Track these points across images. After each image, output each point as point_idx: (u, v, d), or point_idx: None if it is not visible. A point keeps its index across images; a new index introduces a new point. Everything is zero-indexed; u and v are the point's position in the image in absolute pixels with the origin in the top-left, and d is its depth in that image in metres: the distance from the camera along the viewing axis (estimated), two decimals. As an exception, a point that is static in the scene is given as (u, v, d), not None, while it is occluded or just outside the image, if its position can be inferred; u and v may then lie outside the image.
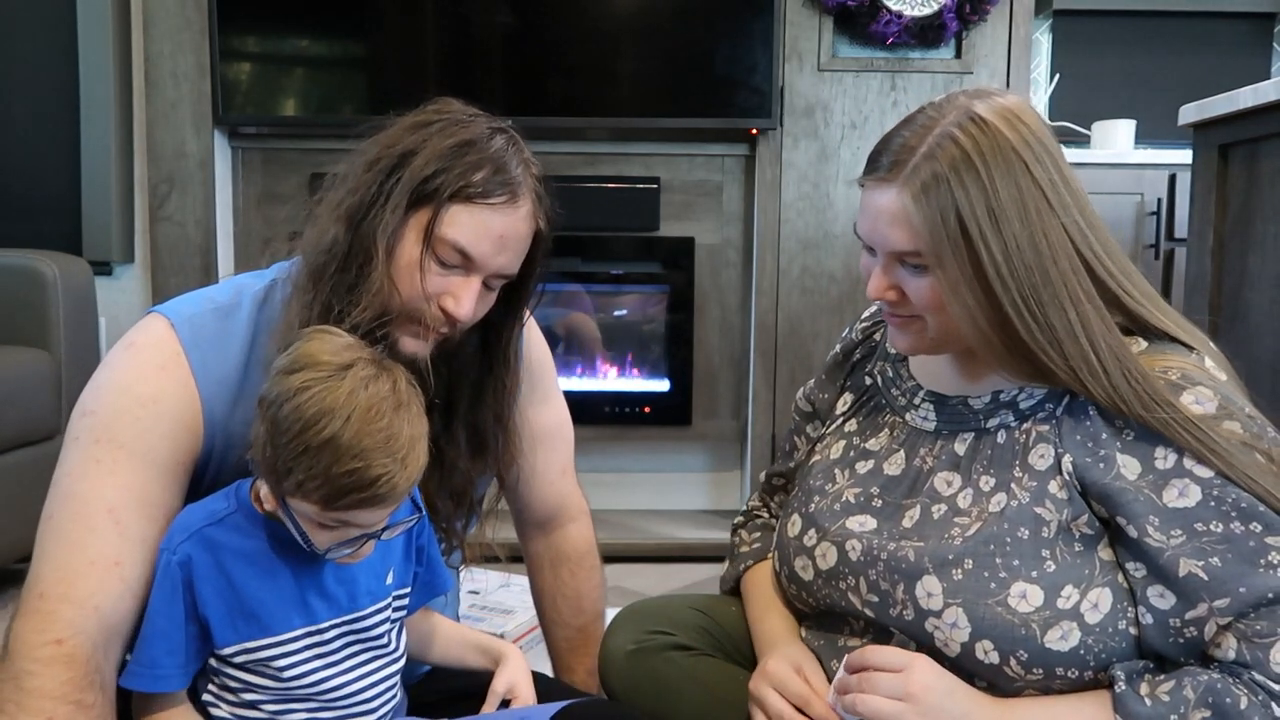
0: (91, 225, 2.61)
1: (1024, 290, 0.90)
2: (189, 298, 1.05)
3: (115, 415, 0.96)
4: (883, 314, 1.03)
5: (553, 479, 1.32)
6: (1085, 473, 0.92)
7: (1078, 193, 0.94)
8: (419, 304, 1.00)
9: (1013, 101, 0.95)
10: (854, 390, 1.17)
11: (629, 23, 2.58)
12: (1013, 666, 0.91)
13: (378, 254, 0.97)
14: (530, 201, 1.02)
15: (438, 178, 0.97)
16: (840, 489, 1.07)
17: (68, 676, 0.89)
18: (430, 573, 1.06)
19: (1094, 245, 0.93)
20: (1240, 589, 0.86)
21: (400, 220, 0.98)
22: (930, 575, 0.95)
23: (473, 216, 0.98)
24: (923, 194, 0.90)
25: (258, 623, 0.91)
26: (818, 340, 2.64)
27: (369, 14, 2.58)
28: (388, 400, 0.86)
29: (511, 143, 1.03)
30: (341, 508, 0.86)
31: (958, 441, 1.02)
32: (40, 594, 0.92)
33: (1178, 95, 2.06)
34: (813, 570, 1.05)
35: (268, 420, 0.86)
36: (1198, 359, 0.95)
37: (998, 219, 0.89)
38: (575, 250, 2.70)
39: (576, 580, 1.35)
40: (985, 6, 2.52)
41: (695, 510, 2.84)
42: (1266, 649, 0.86)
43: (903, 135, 0.94)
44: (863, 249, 1.01)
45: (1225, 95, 1.67)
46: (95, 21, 2.57)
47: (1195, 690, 0.86)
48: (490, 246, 1.00)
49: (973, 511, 0.97)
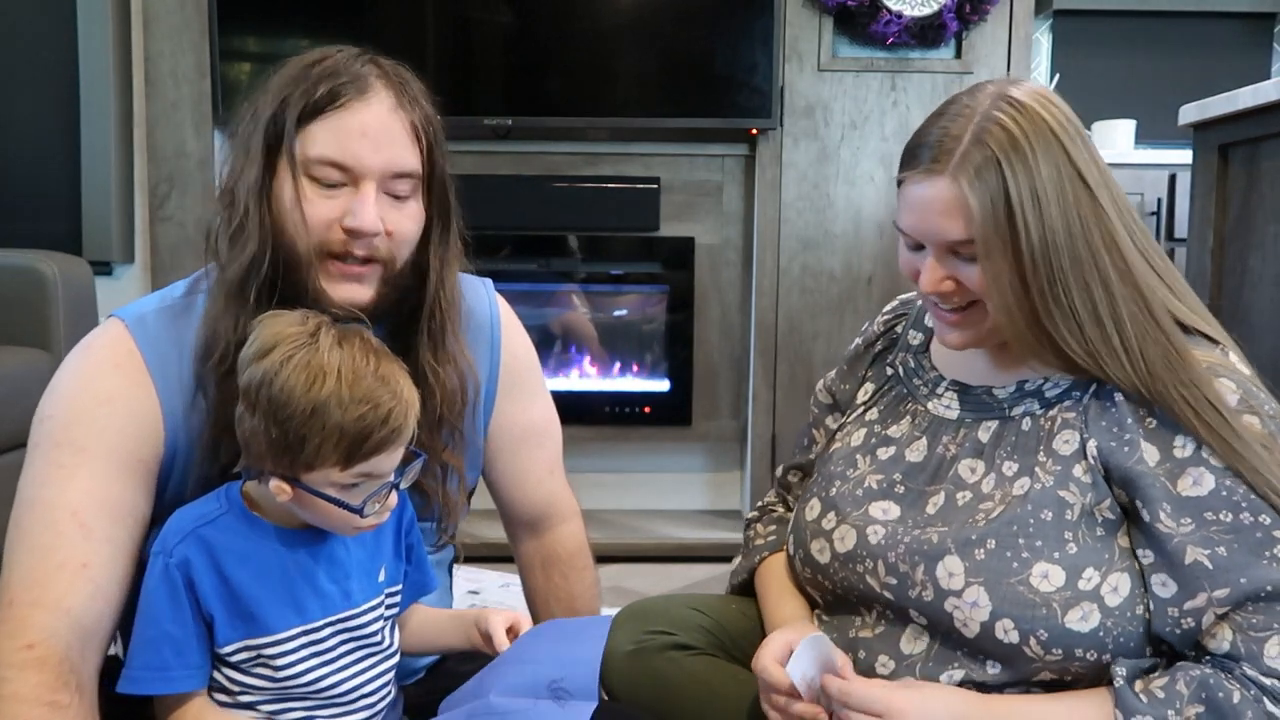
0: (91, 225, 2.61)
1: (1051, 274, 0.91)
2: (146, 298, 1.05)
3: (73, 418, 0.96)
4: (933, 312, 1.02)
5: (540, 478, 1.31)
6: (1110, 456, 0.93)
7: (1109, 175, 0.95)
8: (323, 235, 0.98)
9: (1040, 86, 0.96)
10: (875, 380, 1.17)
11: (629, 23, 2.58)
12: (1032, 646, 0.91)
13: (249, 206, 0.96)
14: (388, 91, 0.99)
15: (283, 111, 0.96)
16: (862, 474, 1.07)
17: (40, 679, 0.88)
18: (418, 572, 1.07)
19: (1124, 227, 0.94)
20: (1241, 579, 0.87)
21: (263, 166, 0.97)
22: (952, 555, 0.95)
23: (326, 126, 0.97)
24: (977, 179, 0.90)
25: (255, 622, 0.92)
26: (818, 340, 2.64)
27: (369, 14, 2.58)
28: (365, 348, 0.89)
29: (357, 53, 1.00)
30: (362, 456, 0.87)
31: (981, 429, 1.02)
32: (9, 601, 0.92)
33: (1178, 95, 2.05)
34: (830, 553, 1.05)
35: (261, 406, 0.87)
36: (1222, 353, 0.96)
37: (1039, 201, 0.90)
38: (575, 250, 2.70)
39: (569, 582, 1.34)
40: (985, 6, 2.53)
41: (695, 510, 2.84)
42: (1261, 643, 0.87)
43: (941, 126, 0.94)
44: (903, 247, 1.00)
45: (1225, 95, 1.67)
46: (95, 21, 2.57)
47: (1189, 686, 0.87)
48: (358, 145, 0.97)
49: (995, 495, 0.97)
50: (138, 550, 0.98)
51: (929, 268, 0.96)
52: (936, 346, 1.12)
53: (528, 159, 2.64)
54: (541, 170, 2.64)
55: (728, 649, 1.15)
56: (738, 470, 2.84)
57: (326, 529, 0.94)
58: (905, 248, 1.00)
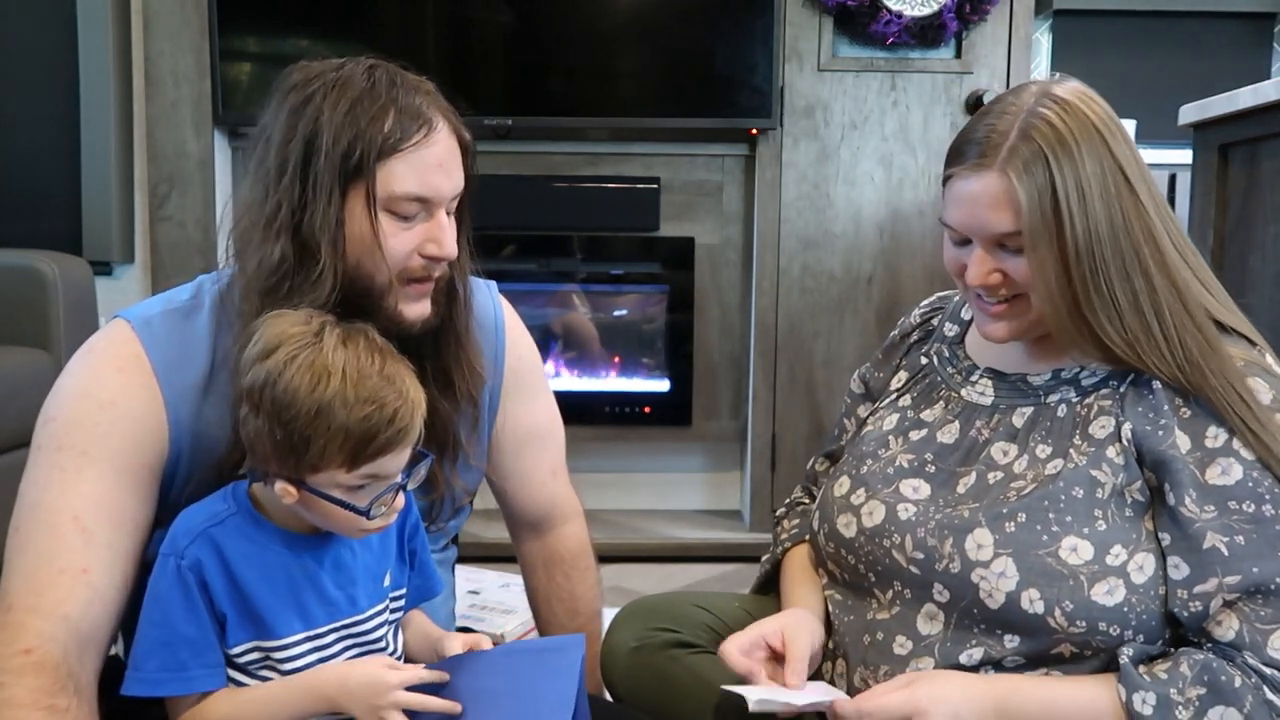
0: (91, 225, 2.60)
1: (1094, 264, 0.93)
2: (150, 300, 1.05)
3: (76, 421, 0.96)
4: (976, 305, 1.04)
5: (543, 479, 1.31)
6: (1144, 440, 0.95)
7: (1147, 172, 0.97)
8: (402, 264, 0.99)
9: (1081, 85, 0.99)
10: (909, 369, 1.18)
11: (629, 23, 2.58)
12: (1056, 618, 0.93)
13: (321, 249, 0.96)
14: (443, 118, 1.01)
15: (355, 147, 0.96)
16: (894, 454, 1.09)
17: (37, 684, 0.88)
18: (422, 576, 1.06)
19: (1163, 221, 0.96)
20: (1254, 569, 0.89)
21: (340, 206, 0.97)
22: (982, 528, 0.97)
23: (407, 163, 0.97)
24: (1025, 173, 0.93)
25: (261, 625, 0.91)
26: (818, 340, 2.64)
27: (369, 14, 2.58)
28: (370, 348, 0.89)
29: (390, 75, 1.01)
30: (368, 457, 0.87)
31: (1015, 414, 1.04)
32: (8, 606, 0.91)
33: (1178, 95, 2.06)
34: (856, 527, 1.06)
35: (266, 406, 0.86)
36: (1259, 354, 0.98)
37: (1085, 195, 0.93)
38: (575, 250, 2.70)
39: (571, 582, 1.34)
40: (985, 6, 2.52)
41: (695, 510, 2.84)
42: (1266, 635, 0.89)
43: (988, 123, 0.97)
44: (948, 243, 1.03)
45: (1225, 95, 1.67)
46: (95, 21, 2.57)
47: (1191, 668, 0.89)
48: (437, 178, 0.99)
49: (1028, 475, 0.99)
50: (139, 555, 0.97)
51: (976, 260, 0.99)
52: (972, 337, 1.14)
53: (528, 159, 2.64)
54: (542, 170, 2.64)
55: (730, 646, 1.15)
56: (737, 470, 2.84)
57: (333, 531, 0.93)
58: (951, 243, 1.03)
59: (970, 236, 0.99)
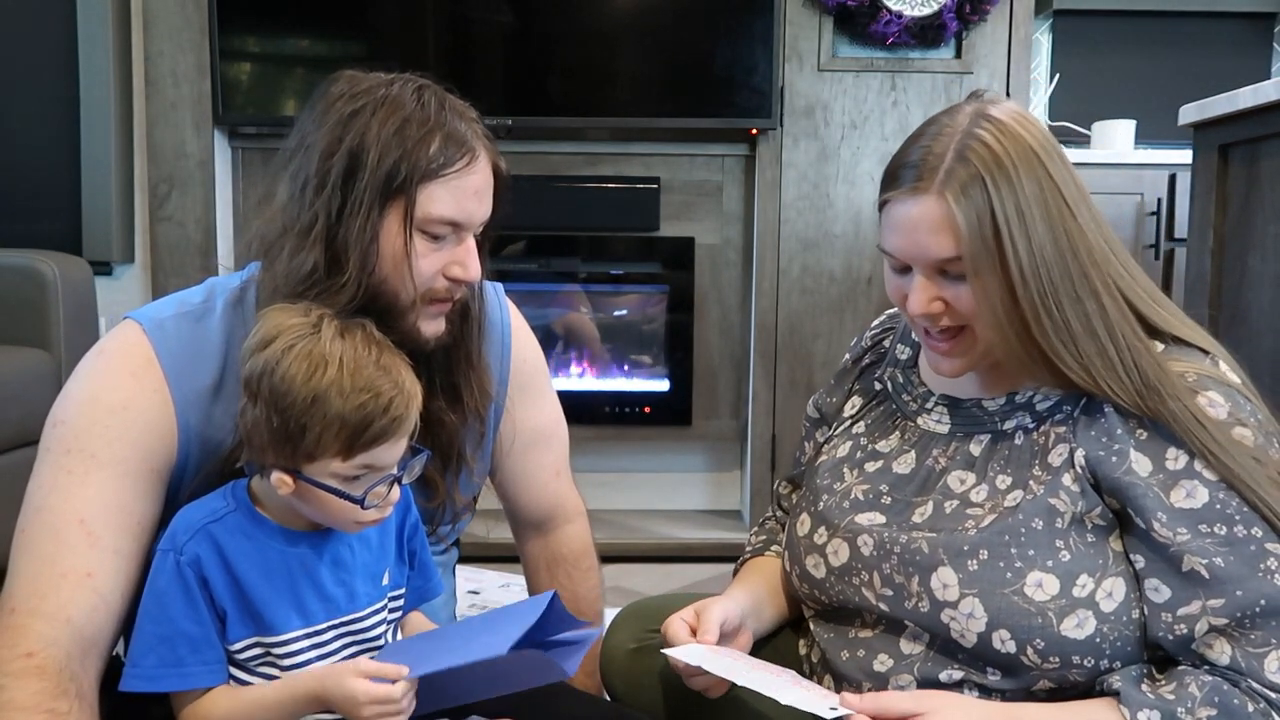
0: (91, 225, 2.61)
1: (1043, 289, 0.91)
2: (162, 302, 1.05)
3: (85, 425, 0.96)
4: (924, 341, 1.01)
5: (546, 480, 1.32)
6: (1098, 466, 0.93)
7: (1085, 191, 0.95)
8: (429, 284, 1.01)
9: (1016, 105, 0.96)
10: (863, 394, 1.16)
11: (629, 23, 2.58)
12: (1029, 655, 0.91)
13: (351, 261, 0.96)
14: (484, 148, 1.03)
15: (399, 167, 0.96)
16: (848, 486, 1.07)
17: (39, 687, 0.88)
18: (422, 577, 1.06)
19: (1105, 242, 0.95)
20: (1237, 592, 0.87)
21: (378, 222, 0.97)
22: (945, 567, 0.95)
23: (447, 188, 0.98)
24: (964, 195, 0.90)
25: (260, 621, 0.91)
26: (818, 340, 2.64)
27: (369, 14, 2.58)
28: (367, 340, 0.90)
29: (439, 99, 1.02)
30: (363, 446, 0.87)
31: (973, 443, 1.02)
32: (11, 609, 0.91)
33: (1178, 95, 2.05)
34: (825, 567, 1.05)
35: (263, 395, 0.87)
36: (1212, 363, 0.95)
37: (1025, 217, 0.90)
38: (575, 250, 2.70)
39: (573, 582, 1.35)
40: (985, 6, 2.53)
41: (695, 510, 2.84)
42: (1261, 659, 0.87)
43: (923, 145, 0.94)
44: (889, 271, 1.00)
45: (1225, 95, 1.67)
46: (95, 21, 2.57)
47: (1200, 689, 0.87)
48: (472, 205, 1.01)
49: (986, 505, 0.97)
50: (145, 558, 0.97)
51: (917, 288, 0.96)
52: (925, 360, 1.11)
53: (528, 159, 2.64)
54: (541, 170, 2.64)
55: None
56: (737, 470, 2.84)
57: (329, 524, 0.93)
58: (891, 271, 1.00)
59: (910, 263, 0.96)
